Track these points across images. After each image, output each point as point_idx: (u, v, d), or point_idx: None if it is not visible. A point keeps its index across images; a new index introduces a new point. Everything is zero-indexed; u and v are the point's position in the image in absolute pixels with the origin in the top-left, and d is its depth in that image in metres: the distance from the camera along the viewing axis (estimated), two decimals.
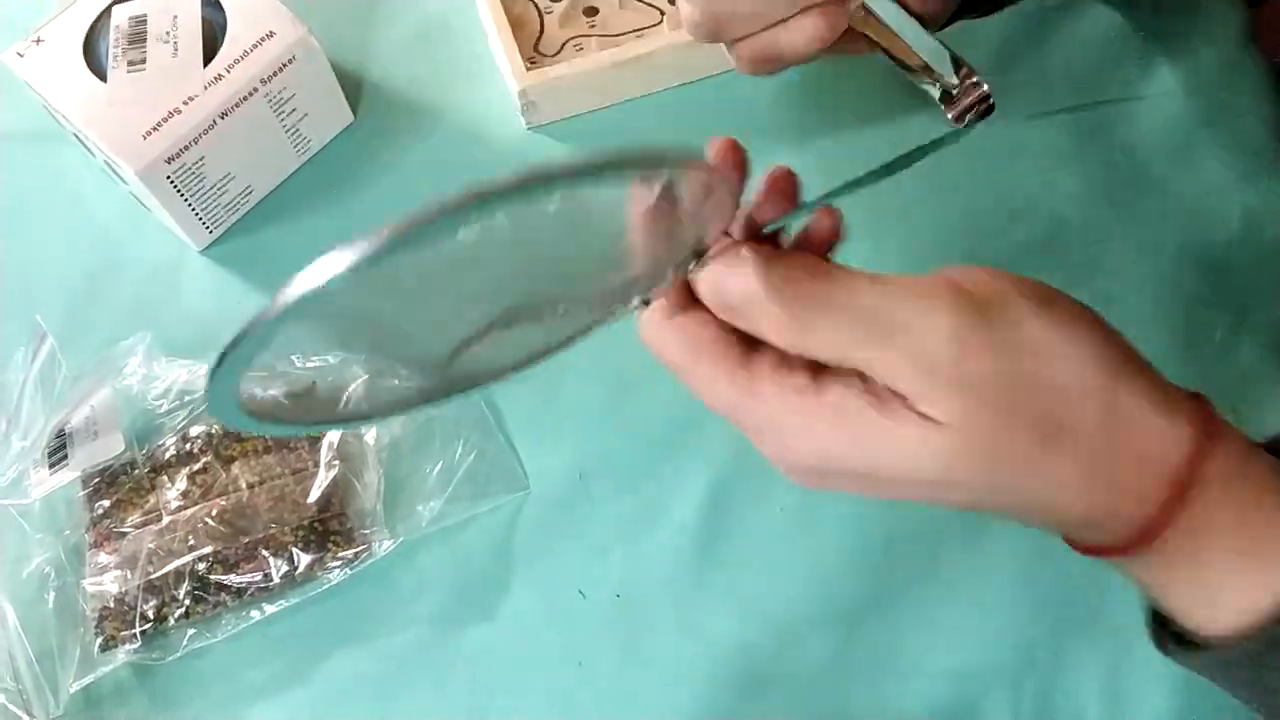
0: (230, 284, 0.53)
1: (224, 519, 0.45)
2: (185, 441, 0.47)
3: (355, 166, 0.56)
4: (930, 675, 0.44)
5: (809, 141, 0.55)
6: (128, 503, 0.46)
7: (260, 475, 0.46)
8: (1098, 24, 0.58)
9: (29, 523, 0.46)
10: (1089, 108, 0.55)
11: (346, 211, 0.55)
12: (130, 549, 0.45)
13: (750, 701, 0.44)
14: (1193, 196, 0.54)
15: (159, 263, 0.54)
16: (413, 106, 0.57)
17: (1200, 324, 0.50)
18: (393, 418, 0.47)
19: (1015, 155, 0.54)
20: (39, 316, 0.48)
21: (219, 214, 0.53)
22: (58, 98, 0.50)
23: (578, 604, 0.46)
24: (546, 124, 0.56)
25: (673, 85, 0.57)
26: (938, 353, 0.28)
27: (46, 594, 0.45)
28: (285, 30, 0.51)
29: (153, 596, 0.44)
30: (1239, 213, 0.53)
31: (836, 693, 0.44)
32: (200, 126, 0.49)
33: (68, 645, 0.44)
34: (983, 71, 0.41)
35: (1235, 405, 0.48)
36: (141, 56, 0.50)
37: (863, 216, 0.54)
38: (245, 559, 0.45)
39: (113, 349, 0.49)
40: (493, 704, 0.45)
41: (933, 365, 0.28)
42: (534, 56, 0.56)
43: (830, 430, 0.29)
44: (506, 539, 0.47)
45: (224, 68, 0.50)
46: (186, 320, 0.52)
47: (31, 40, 0.51)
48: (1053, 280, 0.31)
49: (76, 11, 0.52)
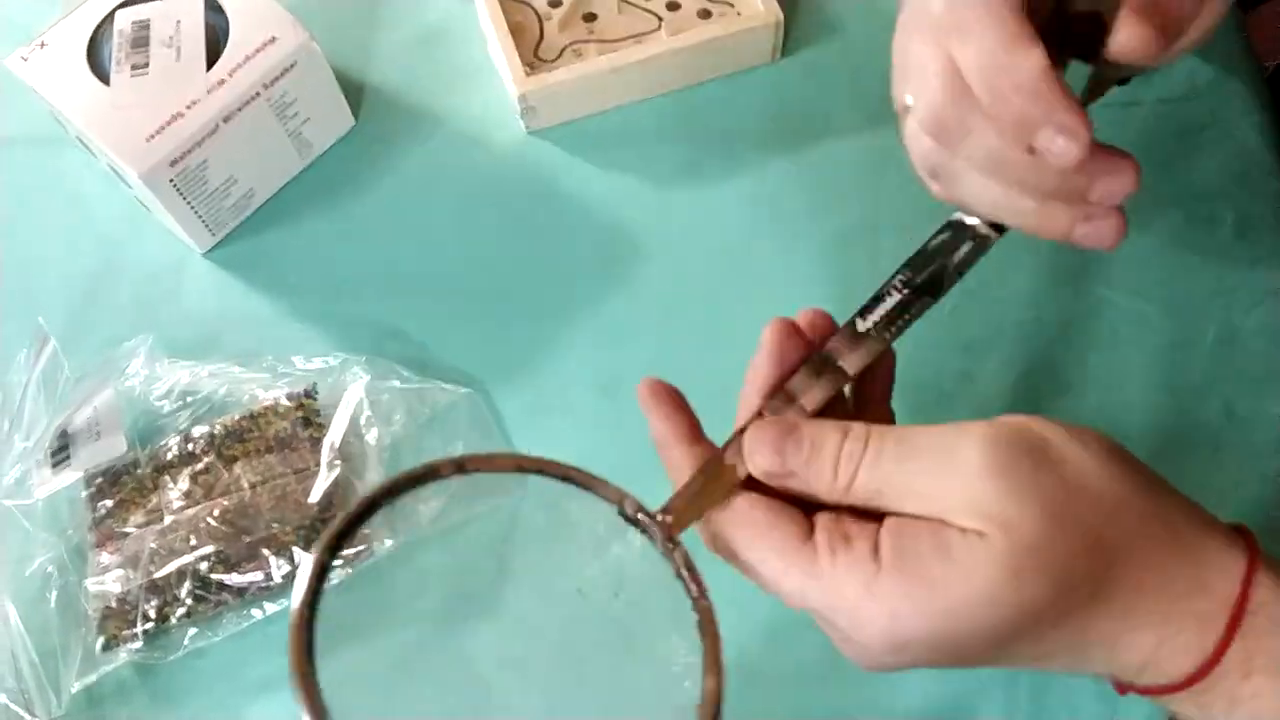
0: (232, 286, 0.54)
1: (226, 519, 0.46)
2: (187, 442, 0.48)
3: (356, 170, 0.56)
4: (925, 675, 0.44)
5: (804, 148, 0.56)
6: (130, 503, 0.46)
7: (262, 475, 0.47)
8: None
9: (32, 522, 0.46)
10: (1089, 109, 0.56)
11: (348, 215, 0.56)
12: (132, 549, 0.45)
13: (747, 701, 0.44)
14: (1186, 201, 0.54)
15: (161, 265, 0.54)
16: (413, 111, 0.58)
17: (1194, 326, 0.51)
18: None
19: None
20: (42, 318, 0.49)
21: (221, 217, 0.54)
22: (61, 101, 0.50)
23: (578, 604, 0.46)
24: (546, 128, 0.57)
25: (671, 90, 0.58)
26: (981, 484, 0.29)
27: (49, 593, 0.45)
28: (287, 35, 0.51)
29: (155, 596, 0.44)
30: (1232, 218, 0.53)
31: (832, 693, 0.44)
32: (203, 130, 0.49)
33: (70, 644, 0.44)
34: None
35: (1232, 406, 0.49)
36: (145, 60, 0.51)
37: (854, 222, 0.54)
38: (247, 558, 0.45)
39: (115, 350, 0.50)
40: (492, 704, 0.45)
41: (976, 494, 0.29)
42: (533, 62, 0.57)
43: (893, 581, 0.29)
44: (506, 539, 0.47)
45: (226, 72, 0.50)
46: (189, 322, 0.53)
47: (35, 44, 0.51)
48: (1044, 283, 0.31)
49: (80, 16, 0.52)
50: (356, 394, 0.48)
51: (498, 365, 0.51)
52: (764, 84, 0.58)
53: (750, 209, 0.54)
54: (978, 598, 0.28)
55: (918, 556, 0.29)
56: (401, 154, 0.57)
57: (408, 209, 0.56)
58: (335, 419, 0.48)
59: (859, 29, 0.59)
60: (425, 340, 0.52)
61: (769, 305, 0.52)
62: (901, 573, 0.29)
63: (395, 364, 0.50)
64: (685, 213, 0.55)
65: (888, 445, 0.30)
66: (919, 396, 0.50)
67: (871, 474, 0.30)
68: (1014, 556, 0.28)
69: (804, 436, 0.32)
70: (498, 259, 0.54)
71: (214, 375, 0.50)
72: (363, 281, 0.54)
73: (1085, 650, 0.30)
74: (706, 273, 0.54)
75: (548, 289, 0.53)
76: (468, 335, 0.52)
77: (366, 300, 0.53)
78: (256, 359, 0.50)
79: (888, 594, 0.29)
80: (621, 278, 0.53)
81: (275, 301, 0.53)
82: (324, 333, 0.52)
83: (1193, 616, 0.29)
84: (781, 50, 0.58)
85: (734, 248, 0.54)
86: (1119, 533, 0.29)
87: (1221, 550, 0.30)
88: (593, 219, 0.55)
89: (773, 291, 0.52)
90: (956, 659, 0.30)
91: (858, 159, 0.55)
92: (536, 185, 0.56)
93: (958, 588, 0.28)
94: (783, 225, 0.54)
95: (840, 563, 0.30)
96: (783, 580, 0.31)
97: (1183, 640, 0.29)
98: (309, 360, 0.50)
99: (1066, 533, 0.28)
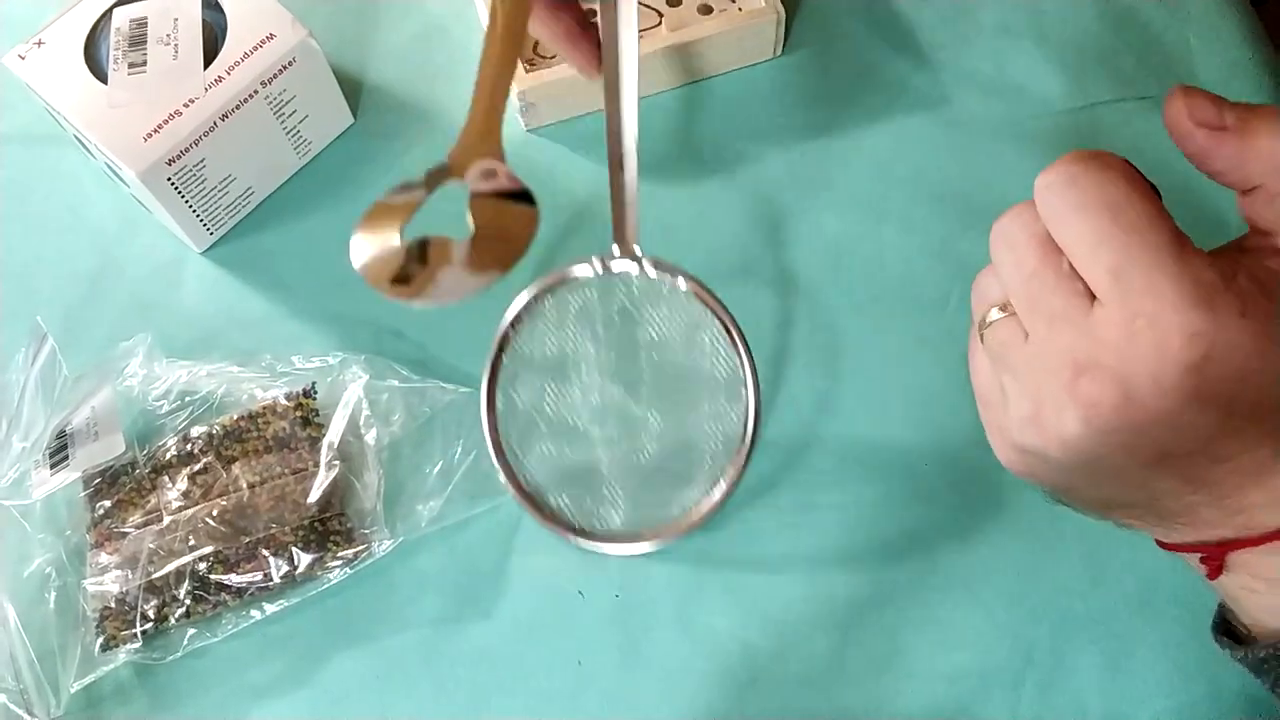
0: (231, 285, 0.54)
1: (224, 519, 0.46)
2: (186, 442, 0.47)
3: (355, 168, 0.56)
4: (929, 675, 0.44)
5: (805, 142, 0.56)
6: (128, 503, 0.46)
7: (261, 475, 0.46)
8: (1097, 23, 0.58)
9: (30, 523, 0.46)
10: (1089, 108, 0.55)
11: (347, 213, 0.55)
12: (131, 549, 0.45)
13: (750, 701, 0.44)
14: (1193, 196, 0.54)
15: (160, 264, 0.54)
16: (412, 108, 0.58)
17: None
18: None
19: (1016, 156, 0.54)
20: (40, 318, 0.49)
21: (220, 215, 0.53)
22: (59, 100, 0.50)
23: (577, 604, 0.46)
24: (545, 126, 0.57)
25: (671, 87, 0.57)
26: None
27: (47, 594, 0.45)
28: (285, 33, 0.51)
29: (153, 596, 0.44)
30: (1238, 214, 0.53)
31: (836, 693, 0.44)
32: (201, 128, 0.49)
33: (69, 645, 0.44)
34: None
35: None
36: (142, 59, 0.50)
37: (859, 217, 0.54)
38: (246, 559, 0.45)
39: (113, 350, 0.49)
40: (492, 704, 0.45)
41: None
42: (533, 59, 0.56)
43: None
44: (506, 539, 0.47)
45: (224, 70, 0.50)
46: (187, 321, 0.52)
47: (32, 42, 0.51)
48: None
49: (77, 14, 0.52)
50: (355, 393, 0.48)
51: None
52: (765, 79, 0.57)
53: (751, 205, 0.54)
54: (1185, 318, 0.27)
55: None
56: (401, 152, 0.56)
57: None
58: (334, 419, 0.48)
59: (861, 23, 0.58)
60: (425, 340, 0.52)
61: (769, 303, 0.52)
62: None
63: (394, 363, 0.49)
64: (685, 209, 0.54)
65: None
66: (920, 396, 0.49)
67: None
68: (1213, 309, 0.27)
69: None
70: None
71: (212, 375, 0.49)
72: (362, 280, 0.54)
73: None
74: (707, 269, 0.53)
75: None
76: (468, 335, 0.52)
77: (366, 299, 0.52)
78: (255, 358, 0.50)
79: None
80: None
81: (274, 300, 0.53)
82: (323, 332, 0.52)
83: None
84: (783, 46, 0.57)
85: (735, 244, 0.54)
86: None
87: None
88: (592, 216, 0.54)
89: (772, 288, 0.52)
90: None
91: (860, 154, 0.55)
92: (536, 183, 0.54)
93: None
94: (784, 222, 0.54)
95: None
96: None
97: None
98: (308, 359, 0.50)
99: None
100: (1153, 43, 0.57)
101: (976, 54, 0.58)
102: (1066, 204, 0.29)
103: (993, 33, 0.58)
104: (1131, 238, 0.28)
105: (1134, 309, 0.27)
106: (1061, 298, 0.29)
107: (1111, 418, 0.28)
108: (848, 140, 0.56)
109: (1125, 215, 0.28)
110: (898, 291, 0.52)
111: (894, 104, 0.56)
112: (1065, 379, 0.28)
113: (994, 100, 0.56)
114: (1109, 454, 0.29)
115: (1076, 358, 0.28)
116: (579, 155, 0.56)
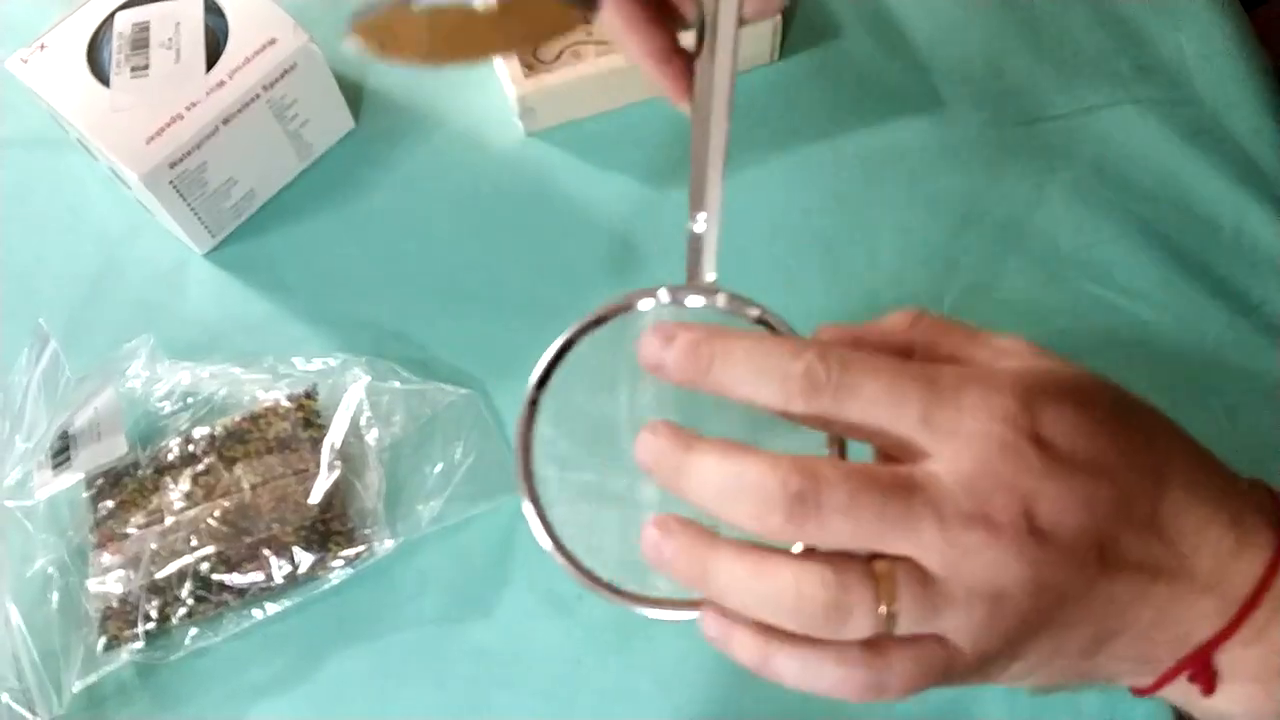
0: (233, 287, 0.54)
1: (226, 519, 0.46)
2: (188, 443, 0.48)
3: (356, 171, 0.57)
4: None
5: (803, 149, 0.56)
6: (131, 504, 0.47)
7: (262, 476, 0.47)
8: (1091, 28, 0.58)
9: (33, 524, 0.46)
10: (1080, 113, 0.56)
11: (348, 216, 0.56)
12: (133, 549, 0.45)
13: (748, 701, 0.45)
14: (1185, 202, 0.54)
15: (162, 266, 0.55)
16: (413, 112, 0.58)
17: (1194, 328, 0.51)
18: None
19: (1006, 160, 0.55)
20: (43, 319, 0.49)
21: (222, 218, 0.54)
22: (61, 103, 0.50)
23: (577, 603, 0.46)
24: (544, 129, 0.57)
25: None
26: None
27: (50, 594, 0.45)
28: (287, 37, 0.51)
29: (156, 596, 0.45)
30: (1231, 218, 0.53)
31: None
32: (203, 132, 0.49)
33: (71, 645, 0.44)
34: None
35: (1230, 409, 0.49)
36: (144, 62, 0.51)
37: (852, 223, 0.54)
38: (247, 559, 0.45)
39: (116, 351, 0.50)
40: (492, 703, 0.45)
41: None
42: (532, 63, 0.57)
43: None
44: (506, 539, 0.48)
45: (226, 74, 0.50)
46: (189, 323, 0.53)
47: (35, 47, 0.51)
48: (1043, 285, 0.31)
49: (80, 18, 0.52)
50: (357, 395, 0.48)
51: (498, 365, 0.51)
52: (763, 84, 0.58)
53: (749, 210, 0.54)
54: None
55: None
56: (401, 155, 0.57)
57: (407, 210, 0.56)
58: (335, 420, 0.48)
59: (858, 28, 0.59)
60: (425, 341, 0.52)
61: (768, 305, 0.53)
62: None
63: (395, 365, 0.50)
64: (684, 213, 0.55)
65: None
66: None
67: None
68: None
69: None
70: (497, 260, 0.54)
71: (214, 376, 0.50)
72: (363, 282, 0.54)
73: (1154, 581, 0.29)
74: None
75: (547, 289, 0.53)
76: (468, 335, 0.52)
77: (366, 301, 0.53)
78: (257, 360, 0.50)
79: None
80: (620, 278, 0.53)
81: (275, 302, 0.53)
82: (324, 334, 0.52)
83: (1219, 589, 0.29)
84: (780, 51, 0.58)
85: (733, 249, 0.54)
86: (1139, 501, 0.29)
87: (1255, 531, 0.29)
88: (592, 220, 0.55)
89: (771, 292, 0.52)
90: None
91: (857, 159, 0.56)
92: (535, 186, 0.56)
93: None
94: (782, 225, 0.54)
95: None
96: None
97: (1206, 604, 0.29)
98: (309, 361, 0.50)
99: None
100: (1147, 47, 0.58)
101: (972, 59, 0.58)
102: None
103: (988, 37, 0.58)
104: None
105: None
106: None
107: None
108: (844, 144, 0.56)
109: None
110: (892, 294, 0.52)
111: (890, 108, 0.57)
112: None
113: (989, 105, 0.57)
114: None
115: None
116: (577, 159, 0.56)
